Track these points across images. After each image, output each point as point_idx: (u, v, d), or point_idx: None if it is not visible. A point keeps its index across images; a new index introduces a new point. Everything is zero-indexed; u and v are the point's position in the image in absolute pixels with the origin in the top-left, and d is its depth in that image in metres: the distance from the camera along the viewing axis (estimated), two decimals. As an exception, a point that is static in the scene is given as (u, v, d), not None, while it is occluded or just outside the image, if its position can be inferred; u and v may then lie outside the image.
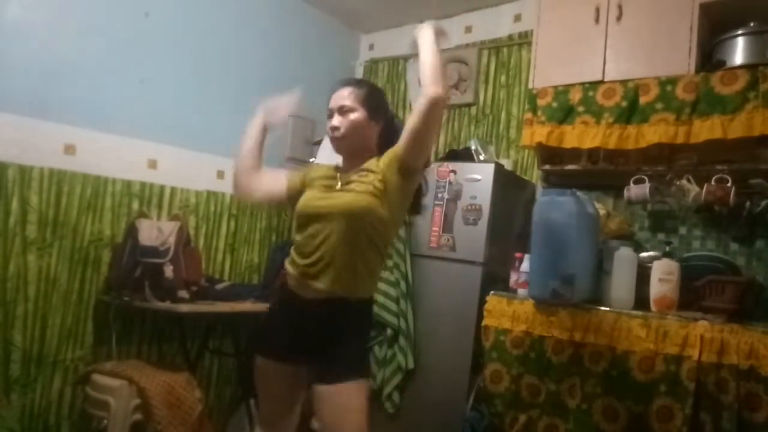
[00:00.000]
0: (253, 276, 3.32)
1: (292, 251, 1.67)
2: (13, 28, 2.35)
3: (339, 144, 1.67)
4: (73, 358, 2.56)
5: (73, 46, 2.52)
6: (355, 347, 1.62)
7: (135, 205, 2.76)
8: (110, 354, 2.66)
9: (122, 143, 2.71)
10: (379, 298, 2.75)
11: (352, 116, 1.64)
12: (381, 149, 1.67)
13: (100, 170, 2.64)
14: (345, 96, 1.66)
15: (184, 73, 2.95)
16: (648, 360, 2.08)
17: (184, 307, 2.50)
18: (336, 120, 1.65)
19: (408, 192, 1.64)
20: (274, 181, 1.78)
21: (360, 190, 1.56)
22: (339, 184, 1.64)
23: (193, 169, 3.02)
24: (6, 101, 2.33)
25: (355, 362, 1.61)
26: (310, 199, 1.64)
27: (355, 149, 1.66)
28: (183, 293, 2.55)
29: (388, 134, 1.70)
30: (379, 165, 1.59)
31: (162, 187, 2.89)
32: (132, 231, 2.60)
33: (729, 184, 2.28)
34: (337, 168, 1.73)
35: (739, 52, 2.32)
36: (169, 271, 2.51)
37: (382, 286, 2.76)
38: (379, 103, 1.72)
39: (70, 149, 2.54)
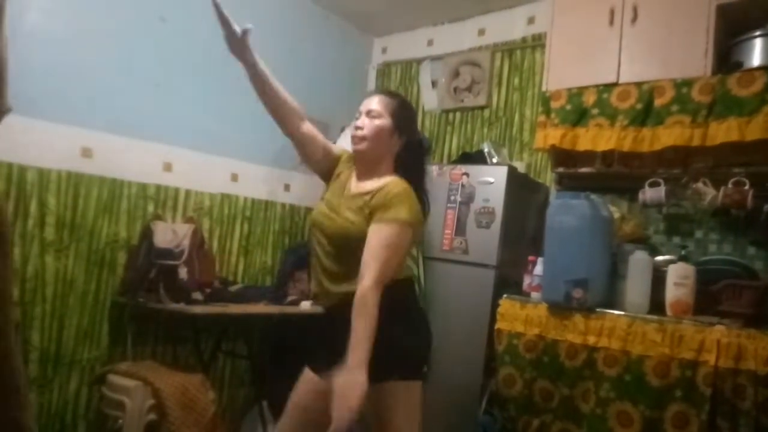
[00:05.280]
0: (266, 278, 3.34)
1: (312, 278, 1.73)
2: (32, 33, 2.39)
3: (358, 145, 1.66)
4: (90, 359, 2.59)
5: (90, 50, 2.56)
6: (386, 346, 1.48)
7: (150, 208, 2.79)
8: (125, 355, 2.69)
9: (138, 146, 2.75)
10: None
11: (378, 121, 1.64)
12: (398, 167, 1.67)
13: (117, 173, 2.67)
14: (375, 101, 1.68)
15: (199, 77, 2.98)
16: (663, 365, 2.06)
17: (198, 309, 2.52)
18: (361, 121, 1.66)
19: None
20: (322, 140, 1.78)
21: (355, 221, 1.57)
22: (343, 204, 1.63)
23: (207, 171, 3.05)
24: (25, 105, 2.36)
25: (390, 362, 1.51)
26: (318, 214, 1.68)
27: (372, 156, 1.66)
28: (197, 295, 2.58)
29: (409, 153, 1.69)
30: (372, 217, 1.56)
31: (177, 190, 2.92)
32: (147, 233, 2.63)
33: (746, 187, 2.25)
34: (350, 181, 1.72)
35: (756, 53, 2.29)
36: (183, 272, 2.53)
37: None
38: (407, 120, 1.71)
39: (87, 152, 2.58)
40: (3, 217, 1.30)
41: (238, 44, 1.66)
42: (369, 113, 1.66)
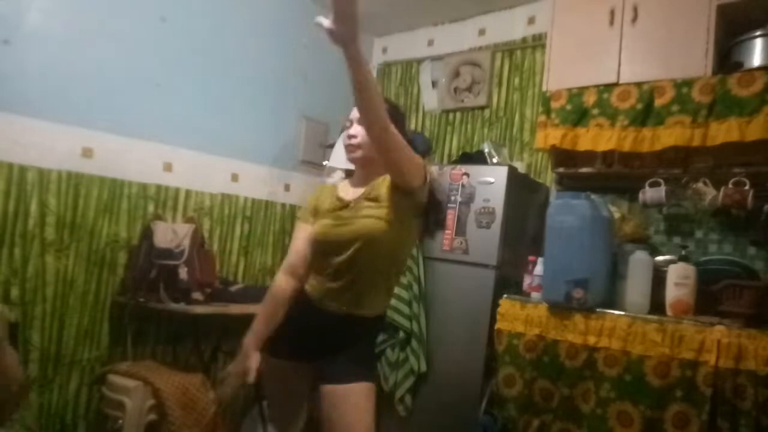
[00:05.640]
0: (266, 278, 3.34)
1: (311, 275, 1.69)
2: (32, 34, 2.39)
3: (354, 154, 1.67)
4: (90, 359, 2.59)
5: (91, 50, 2.56)
6: (365, 350, 1.69)
7: (150, 208, 2.79)
8: (126, 355, 2.69)
9: (138, 146, 2.75)
10: (392, 301, 2.75)
11: None
12: None
13: (117, 173, 2.68)
14: None
15: (199, 76, 2.98)
16: (663, 365, 2.06)
17: (198, 309, 2.52)
18: (353, 129, 1.66)
19: (416, 210, 1.63)
20: (306, 242, 1.72)
21: (375, 215, 1.57)
22: (352, 210, 1.63)
23: (207, 172, 3.05)
24: (25, 105, 2.37)
25: (366, 364, 1.66)
26: (326, 227, 1.64)
27: (368, 161, 1.66)
28: (197, 295, 2.58)
29: None
30: (385, 193, 1.60)
31: (177, 190, 2.92)
32: (147, 233, 2.63)
33: (747, 187, 2.25)
34: (342, 193, 1.71)
35: (757, 53, 2.29)
36: (183, 272, 2.53)
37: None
38: (397, 121, 1.72)
39: (87, 152, 2.58)
40: None
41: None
42: (360, 121, 1.65)
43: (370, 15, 3.70)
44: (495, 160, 2.97)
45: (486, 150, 3.02)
